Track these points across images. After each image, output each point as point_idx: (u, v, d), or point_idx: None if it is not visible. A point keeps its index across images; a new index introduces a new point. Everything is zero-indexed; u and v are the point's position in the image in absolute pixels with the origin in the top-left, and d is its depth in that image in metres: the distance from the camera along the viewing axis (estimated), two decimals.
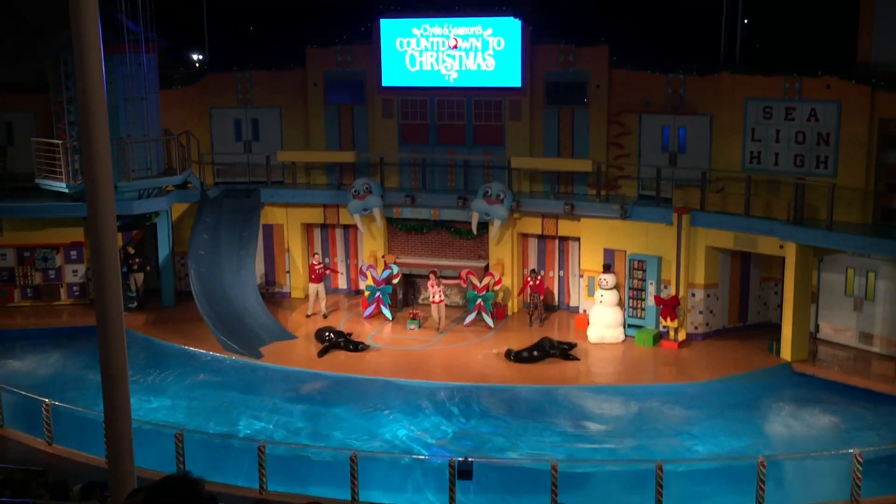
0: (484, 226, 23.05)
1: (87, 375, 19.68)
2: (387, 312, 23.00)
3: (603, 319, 21.37)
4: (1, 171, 23.74)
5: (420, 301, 23.93)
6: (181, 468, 14.72)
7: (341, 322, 22.84)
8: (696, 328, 21.38)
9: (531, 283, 22.39)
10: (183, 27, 27.28)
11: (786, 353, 19.88)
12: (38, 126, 23.79)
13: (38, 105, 23.48)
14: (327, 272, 23.77)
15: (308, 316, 23.07)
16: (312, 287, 23.30)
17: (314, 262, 23.20)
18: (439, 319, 22.12)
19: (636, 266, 21.51)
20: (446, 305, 22.62)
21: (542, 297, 22.57)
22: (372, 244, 24.04)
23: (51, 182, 22.43)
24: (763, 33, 23.78)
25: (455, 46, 23.11)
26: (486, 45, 22.89)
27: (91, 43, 6.33)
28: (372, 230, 23.89)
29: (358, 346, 20.87)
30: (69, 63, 21.72)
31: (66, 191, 22.31)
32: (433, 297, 22.09)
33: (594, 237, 22.13)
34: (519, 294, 23.00)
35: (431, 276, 22.10)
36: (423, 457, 16.19)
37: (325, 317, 23.02)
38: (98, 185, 6.54)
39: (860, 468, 13.98)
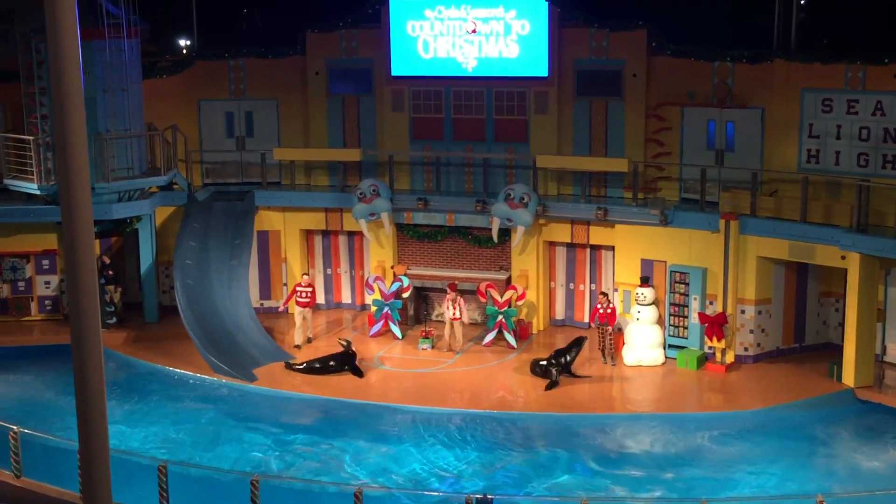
0: (506, 233, 23.04)
1: (61, 400, 19.75)
2: (396, 330, 23.01)
3: (640, 339, 21.30)
4: None
5: (434, 318, 23.91)
6: None
7: None
8: (745, 349, 21.28)
9: (600, 309, 21.38)
10: (169, 10, 27.42)
11: (848, 378, 19.76)
12: (6, 120, 23.96)
13: (7, 96, 23.64)
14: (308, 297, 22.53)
15: (297, 346, 22.36)
16: (299, 311, 22.53)
17: (301, 283, 22.68)
18: (451, 338, 22.02)
19: (678, 279, 21.45)
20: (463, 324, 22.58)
21: (611, 330, 21.33)
22: (380, 253, 24.07)
23: (20, 183, 22.57)
24: (822, 16, 23.74)
25: (474, 31, 23.14)
26: (508, 29, 22.92)
27: (67, 27, 6.35)
28: (380, 238, 23.92)
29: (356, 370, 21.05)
30: (42, 49, 21.90)
31: (38, 192, 22.44)
32: (451, 313, 22.02)
33: (630, 246, 22.08)
34: (591, 320, 22.08)
35: (450, 289, 22.05)
36: (436, 493, 16.16)
37: (298, 347, 22.25)
38: (73, 186, 6.56)
39: None
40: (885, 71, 19.95)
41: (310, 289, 22.62)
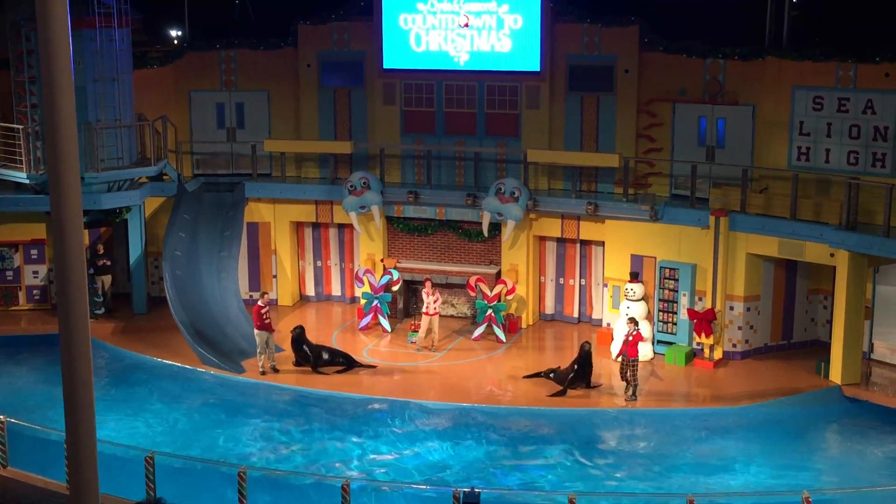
0: (496, 227, 23.05)
1: (48, 390, 19.71)
2: (385, 323, 23.01)
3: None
4: None
5: (422, 311, 23.90)
6: (152, 495, 14.72)
7: (334, 334, 22.86)
8: (734, 346, 21.34)
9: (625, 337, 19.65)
10: (160, 0, 27.35)
11: (835, 375, 19.83)
12: None
13: None
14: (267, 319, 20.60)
15: (263, 374, 20.62)
16: (261, 335, 20.58)
17: (260, 304, 20.52)
18: (428, 334, 21.77)
19: (667, 275, 21.48)
20: (451, 317, 22.56)
21: (629, 360, 19.31)
22: (370, 246, 24.06)
23: (9, 171, 22.49)
24: (814, 14, 23.79)
25: (466, 24, 23.12)
26: (501, 23, 22.90)
27: (57, 15, 6.34)
28: (370, 230, 23.91)
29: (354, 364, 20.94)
30: (32, 38, 21.81)
31: (27, 182, 22.37)
32: (427, 307, 21.74)
33: (620, 241, 22.11)
34: (618, 356, 20.26)
35: (427, 282, 21.96)
36: (423, 486, 16.18)
37: (275, 370, 20.65)
38: (63, 175, 6.56)
39: None
40: (876, 69, 20.00)
41: (267, 309, 20.61)
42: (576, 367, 19.69)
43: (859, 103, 20.24)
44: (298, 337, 20.92)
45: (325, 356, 20.92)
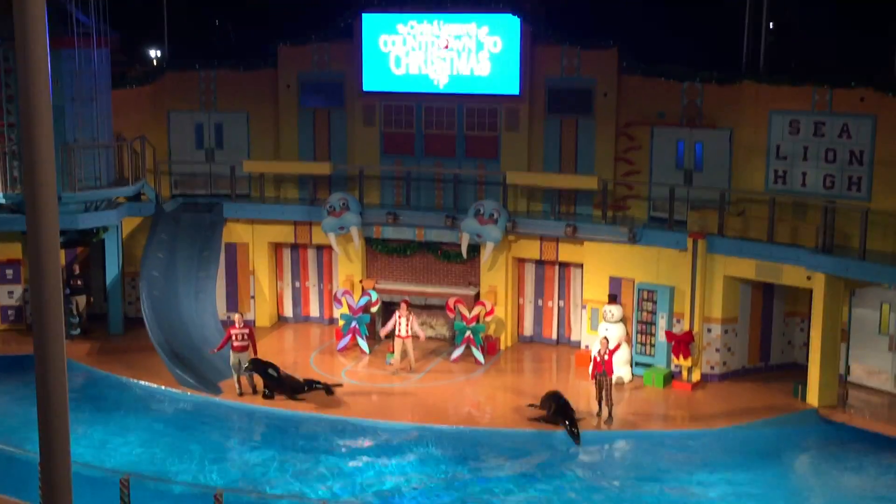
0: (475, 248, 23.07)
1: (22, 411, 19.54)
2: (363, 345, 22.96)
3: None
4: None
5: (395, 334, 23.81)
6: None
7: (312, 356, 22.78)
8: (712, 368, 21.40)
9: (598, 358, 19.26)
10: (139, 20, 27.34)
11: (812, 397, 19.91)
12: None
13: None
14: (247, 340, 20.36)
15: (240, 395, 20.38)
16: (235, 356, 20.27)
17: (235, 327, 20.34)
18: (404, 357, 21.65)
19: (646, 297, 21.55)
20: (429, 338, 22.52)
21: (610, 379, 19.31)
22: (348, 267, 24.03)
23: None
24: (790, 39, 24.02)
25: (446, 47, 23.22)
26: (480, 45, 23.01)
27: (35, 35, 6.32)
28: (349, 252, 23.88)
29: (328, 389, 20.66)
30: (10, 57, 21.74)
31: (3, 201, 22.24)
32: (399, 329, 21.56)
33: (599, 264, 22.18)
34: (592, 376, 19.55)
35: (403, 304, 21.88)
36: None
37: (255, 392, 20.34)
38: (39, 195, 6.51)
39: None
40: (851, 94, 20.20)
41: (246, 331, 20.39)
42: (552, 407, 19.31)
43: (835, 127, 20.43)
44: (257, 366, 20.22)
45: (290, 386, 20.31)
